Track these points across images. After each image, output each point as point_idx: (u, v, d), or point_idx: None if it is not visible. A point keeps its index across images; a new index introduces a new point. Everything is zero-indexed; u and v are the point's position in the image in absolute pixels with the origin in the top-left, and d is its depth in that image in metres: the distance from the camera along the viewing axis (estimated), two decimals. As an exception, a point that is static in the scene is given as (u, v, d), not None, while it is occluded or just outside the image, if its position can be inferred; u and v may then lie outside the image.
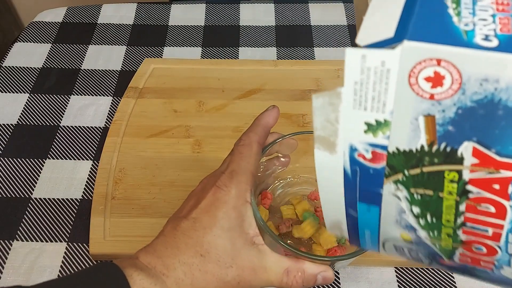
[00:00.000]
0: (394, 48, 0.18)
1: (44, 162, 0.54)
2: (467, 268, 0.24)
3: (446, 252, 0.23)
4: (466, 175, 0.20)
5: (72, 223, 0.49)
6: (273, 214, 0.41)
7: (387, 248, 0.26)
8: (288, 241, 0.40)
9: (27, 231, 0.48)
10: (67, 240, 0.48)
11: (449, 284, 0.44)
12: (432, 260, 0.25)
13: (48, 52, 0.67)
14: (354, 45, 0.19)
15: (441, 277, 0.45)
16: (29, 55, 0.66)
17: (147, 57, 0.66)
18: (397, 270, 0.45)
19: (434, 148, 0.20)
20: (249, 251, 0.32)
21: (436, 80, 0.18)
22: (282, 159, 0.42)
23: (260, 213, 0.35)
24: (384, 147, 0.21)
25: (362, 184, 0.23)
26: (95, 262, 0.46)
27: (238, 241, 0.32)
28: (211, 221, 0.31)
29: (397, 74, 0.19)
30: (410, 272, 0.45)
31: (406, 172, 0.21)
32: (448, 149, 0.19)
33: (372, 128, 0.21)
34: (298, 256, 0.33)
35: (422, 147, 0.20)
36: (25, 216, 0.49)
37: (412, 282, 0.45)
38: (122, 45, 0.68)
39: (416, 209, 0.22)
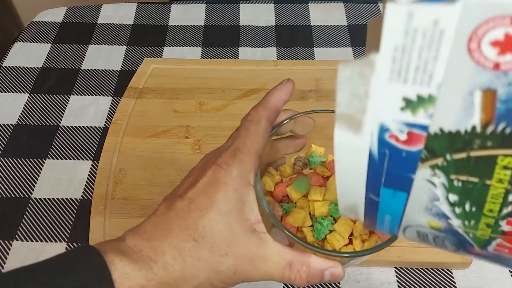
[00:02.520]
0: (454, 2, 0.15)
1: (44, 162, 0.54)
2: (501, 257, 0.22)
3: (480, 242, 0.21)
4: None
5: (72, 223, 0.49)
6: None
7: (407, 234, 0.24)
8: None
9: (27, 231, 0.48)
10: (67, 240, 0.48)
11: (449, 284, 0.44)
12: (459, 248, 0.23)
13: (48, 52, 0.67)
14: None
15: (441, 277, 0.45)
16: (29, 55, 0.66)
17: (147, 57, 0.66)
18: (397, 271, 0.45)
19: (490, 129, 0.17)
20: (248, 239, 0.29)
21: (506, 45, 0.15)
22: (296, 140, 0.38)
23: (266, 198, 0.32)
24: (424, 127, 0.18)
25: (390, 168, 0.20)
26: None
27: (236, 227, 0.29)
28: (208, 203, 0.29)
29: (453, 37, 0.15)
30: (410, 273, 0.45)
31: (448, 156, 0.18)
32: (508, 130, 0.16)
33: (411, 104, 0.17)
34: (305, 248, 0.29)
35: (473, 128, 0.17)
36: (25, 216, 0.49)
37: (412, 282, 0.45)
38: (122, 45, 0.68)
39: (454, 197, 0.20)
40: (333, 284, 0.44)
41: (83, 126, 0.58)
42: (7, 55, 0.66)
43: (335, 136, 0.20)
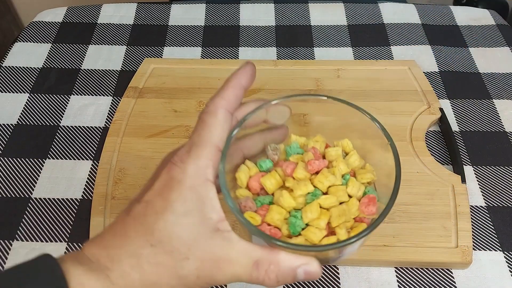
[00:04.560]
0: None
1: (44, 162, 0.54)
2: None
3: None
4: None
5: (72, 223, 0.49)
6: None
7: None
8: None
9: (27, 231, 0.48)
10: (67, 240, 0.48)
11: (449, 284, 0.44)
12: None
13: (48, 52, 0.67)
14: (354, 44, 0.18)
15: (441, 278, 0.45)
16: (29, 55, 0.66)
17: (147, 57, 0.66)
18: (397, 271, 0.45)
19: None
20: (211, 239, 0.27)
21: None
22: (275, 131, 0.35)
23: (240, 194, 0.30)
24: None
25: None
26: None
27: (196, 228, 0.27)
28: (164, 205, 0.27)
29: None
30: (410, 273, 0.45)
31: None
32: None
33: None
34: (271, 243, 0.27)
35: None
36: (25, 216, 0.49)
37: (412, 282, 0.45)
38: (122, 45, 0.68)
39: None
40: (332, 284, 0.44)
41: (83, 126, 0.58)
42: (7, 55, 0.66)
43: None
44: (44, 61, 0.65)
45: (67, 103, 0.60)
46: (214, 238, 0.27)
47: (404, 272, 0.45)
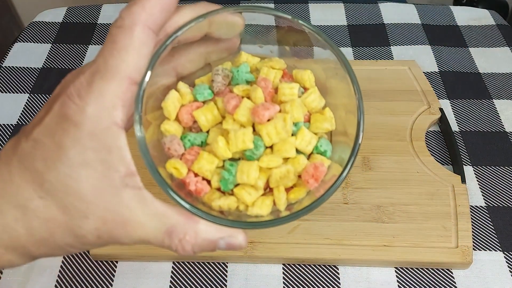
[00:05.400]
0: None
1: (44, 162, 0.54)
2: None
3: None
4: None
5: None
6: None
7: None
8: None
9: (27, 231, 0.48)
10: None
11: (449, 285, 0.44)
12: None
13: (48, 52, 0.67)
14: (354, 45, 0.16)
15: (441, 278, 0.45)
16: (29, 55, 0.66)
17: (147, 57, 0.66)
18: (397, 271, 0.45)
19: None
20: (116, 197, 0.22)
21: None
22: (222, 42, 0.27)
23: (165, 129, 0.25)
24: None
25: None
26: (95, 262, 0.46)
27: (97, 183, 0.22)
28: (55, 151, 0.21)
29: None
30: (410, 273, 0.45)
31: None
32: None
33: None
34: (191, 213, 0.23)
35: None
36: (25, 216, 0.49)
37: (412, 282, 0.45)
38: (122, 45, 0.68)
39: None
40: (332, 284, 0.44)
41: (83, 126, 0.58)
42: (7, 55, 0.66)
43: None
44: (44, 61, 0.65)
45: (67, 103, 0.60)
46: (120, 195, 0.22)
47: (404, 272, 0.45)
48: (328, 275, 0.45)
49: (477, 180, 0.52)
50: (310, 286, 0.44)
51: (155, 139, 0.26)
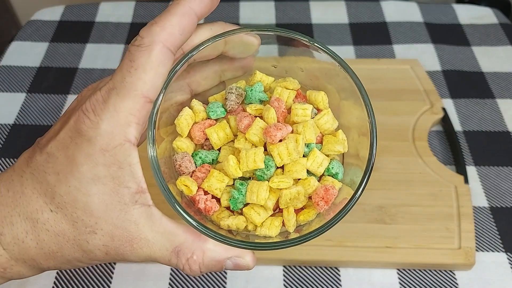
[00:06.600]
0: None
1: (41, 163, 0.53)
2: None
3: None
4: None
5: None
6: None
7: None
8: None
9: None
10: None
11: (452, 286, 0.44)
12: None
13: (46, 51, 0.66)
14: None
15: (444, 279, 0.44)
16: (26, 54, 0.65)
17: (146, 56, 0.65)
18: (400, 272, 0.45)
19: None
20: (125, 214, 0.22)
21: None
22: (236, 62, 0.28)
23: (177, 146, 0.25)
24: None
25: None
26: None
27: (107, 199, 0.22)
28: (68, 165, 0.22)
29: None
30: (413, 275, 0.45)
31: None
32: None
33: None
34: (199, 232, 0.23)
35: None
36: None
37: (414, 284, 0.44)
38: (120, 43, 0.67)
39: None
40: (333, 286, 0.44)
41: (81, 126, 0.57)
42: (4, 54, 0.66)
43: None
44: (42, 60, 0.65)
45: (65, 102, 0.60)
46: (129, 212, 0.22)
47: (407, 274, 0.45)
48: (329, 277, 0.44)
49: (480, 181, 0.51)
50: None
51: (166, 156, 0.26)
